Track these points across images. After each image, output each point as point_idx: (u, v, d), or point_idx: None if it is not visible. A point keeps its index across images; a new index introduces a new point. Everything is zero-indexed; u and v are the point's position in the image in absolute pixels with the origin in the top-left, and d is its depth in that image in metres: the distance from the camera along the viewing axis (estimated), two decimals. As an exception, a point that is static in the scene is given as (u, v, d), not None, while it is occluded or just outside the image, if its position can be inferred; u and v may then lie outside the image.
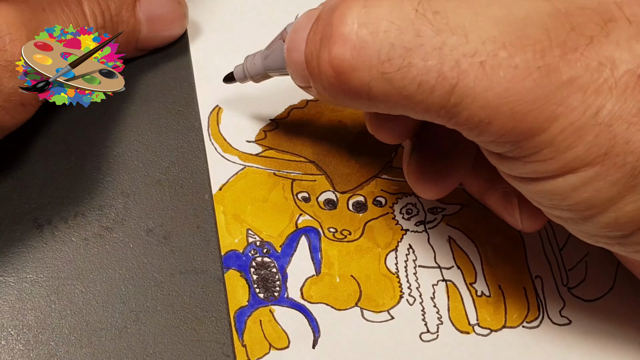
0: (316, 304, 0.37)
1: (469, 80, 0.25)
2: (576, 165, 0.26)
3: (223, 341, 0.36)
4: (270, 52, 0.35)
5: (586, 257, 0.38)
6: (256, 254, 0.38)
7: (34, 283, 0.36)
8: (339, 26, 0.27)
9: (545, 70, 0.25)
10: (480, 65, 0.25)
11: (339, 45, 0.27)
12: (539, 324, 0.37)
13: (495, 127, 0.26)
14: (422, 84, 0.26)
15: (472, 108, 0.26)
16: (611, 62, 0.25)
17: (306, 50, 0.29)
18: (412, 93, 0.26)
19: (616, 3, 0.26)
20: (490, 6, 0.26)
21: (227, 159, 0.40)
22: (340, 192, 0.39)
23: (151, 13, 0.40)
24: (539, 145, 0.26)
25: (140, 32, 0.40)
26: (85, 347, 0.35)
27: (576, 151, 0.25)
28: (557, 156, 0.26)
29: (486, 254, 0.38)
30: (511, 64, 0.25)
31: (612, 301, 0.37)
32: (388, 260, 0.38)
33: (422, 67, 0.26)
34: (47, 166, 0.39)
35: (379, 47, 0.26)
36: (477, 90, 0.25)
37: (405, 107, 0.27)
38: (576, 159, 0.26)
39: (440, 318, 0.37)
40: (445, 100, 0.26)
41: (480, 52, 0.25)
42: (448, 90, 0.25)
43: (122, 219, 0.38)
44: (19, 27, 0.33)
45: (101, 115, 0.40)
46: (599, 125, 0.25)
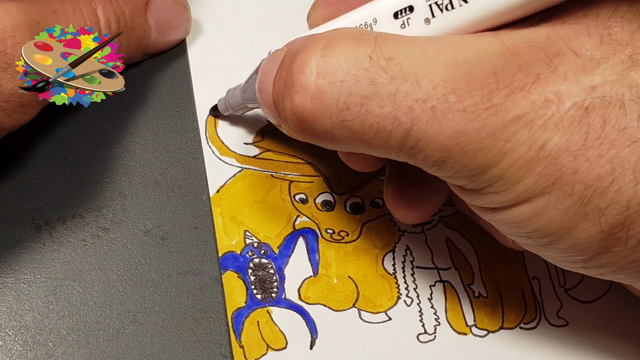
0: (314, 305, 0.37)
1: (421, 125, 0.26)
2: (527, 196, 0.27)
3: (221, 342, 0.36)
4: (247, 86, 0.36)
5: (584, 258, 0.38)
6: (254, 255, 0.38)
7: (32, 284, 0.36)
8: (299, 76, 0.28)
9: (492, 110, 0.26)
10: (431, 110, 0.26)
11: (300, 95, 0.28)
12: (536, 325, 0.37)
13: (450, 165, 0.27)
14: (379, 130, 0.27)
15: (427, 150, 0.27)
16: (558, 97, 0.26)
17: (273, 93, 0.30)
18: (372, 138, 0.27)
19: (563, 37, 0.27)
20: (442, 50, 0.27)
21: (225, 161, 0.40)
22: (338, 194, 0.39)
23: (159, 18, 0.40)
24: (492, 179, 0.27)
25: (150, 37, 0.40)
26: (83, 347, 0.35)
27: (526, 182, 0.27)
28: (509, 188, 0.27)
29: (483, 255, 0.38)
30: (460, 107, 0.26)
31: (609, 303, 0.38)
32: (385, 262, 0.38)
33: (378, 113, 0.27)
34: (45, 167, 0.39)
35: (337, 96, 0.27)
36: (429, 134, 0.26)
37: (367, 149, 0.28)
38: (527, 190, 0.27)
39: (437, 319, 0.37)
40: (402, 143, 0.27)
41: (431, 97, 0.26)
42: (404, 134, 0.27)
43: (119, 219, 0.38)
44: (24, 30, 0.33)
45: (99, 117, 0.40)
46: (546, 158, 0.26)
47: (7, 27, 0.32)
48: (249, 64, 0.42)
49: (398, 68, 0.27)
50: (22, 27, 0.33)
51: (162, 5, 0.40)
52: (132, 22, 0.38)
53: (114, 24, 0.37)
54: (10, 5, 0.33)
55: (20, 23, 0.33)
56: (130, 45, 0.39)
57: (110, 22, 0.37)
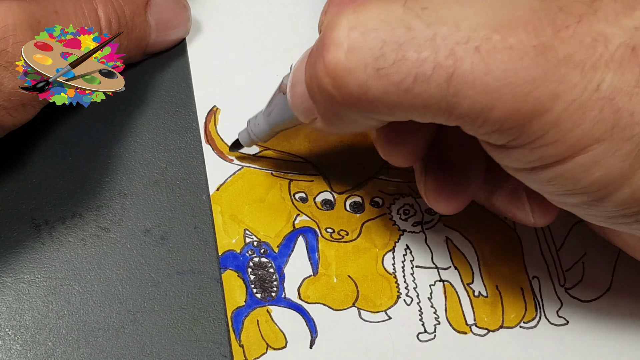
0: (313, 304, 0.37)
1: (466, 67, 0.25)
2: (584, 144, 0.25)
3: (220, 341, 0.36)
4: (272, 108, 0.35)
5: (583, 258, 0.38)
6: (253, 254, 0.38)
7: (32, 283, 0.36)
8: (330, 34, 0.27)
9: (540, 48, 0.25)
10: (475, 50, 0.25)
11: (332, 50, 0.27)
12: (536, 324, 0.37)
13: (498, 112, 0.26)
14: (418, 76, 0.26)
15: (472, 95, 0.25)
16: (604, 38, 0.25)
17: (306, 76, 0.29)
18: (410, 86, 0.26)
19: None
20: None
21: (224, 159, 0.40)
22: (338, 193, 0.39)
23: (159, 17, 0.40)
24: (544, 127, 0.25)
25: (150, 37, 0.40)
26: (83, 347, 0.35)
27: (582, 128, 0.25)
28: (564, 136, 0.25)
29: (483, 254, 0.38)
30: (506, 45, 0.25)
31: (610, 302, 0.37)
32: (385, 261, 0.38)
33: (416, 59, 0.26)
34: (45, 167, 0.38)
35: (372, 45, 0.26)
36: (475, 75, 0.25)
37: (405, 105, 0.27)
38: (583, 137, 0.25)
39: (437, 318, 0.37)
40: (444, 90, 0.26)
41: (473, 38, 0.25)
42: (446, 79, 0.25)
43: (119, 219, 0.38)
44: (25, 29, 0.33)
45: (99, 116, 0.40)
46: (602, 99, 0.25)
47: (8, 26, 0.32)
48: (249, 64, 0.42)
49: (434, 15, 0.26)
50: (23, 26, 0.33)
51: (162, 4, 0.40)
52: (132, 21, 0.38)
53: (115, 23, 0.37)
54: (12, 4, 0.33)
55: (22, 22, 0.33)
56: (131, 45, 0.39)
57: (111, 22, 0.37)
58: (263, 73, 0.42)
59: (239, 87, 0.41)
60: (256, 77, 0.42)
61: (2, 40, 0.32)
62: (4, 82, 0.32)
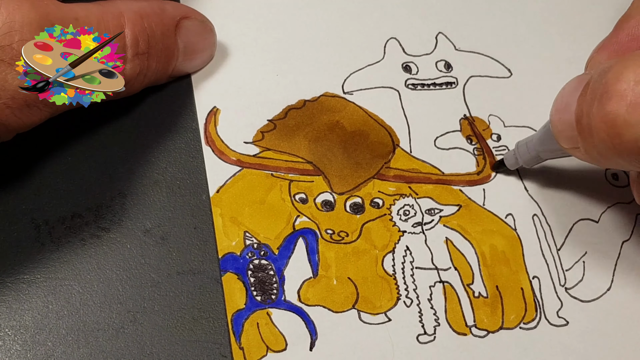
0: (313, 307, 0.37)
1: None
2: None
3: (220, 342, 0.36)
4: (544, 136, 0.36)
5: (584, 258, 0.38)
6: (253, 257, 0.37)
7: (31, 283, 0.36)
8: (614, 83, 0.27)
9: None
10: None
11: (614, 101, 0.27)
12: (536, 325, 0.37)
13: None
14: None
15: None
16: None
17: (577, 109, 0.29)
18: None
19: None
20: None
21: (224, 160, 0.39)
22: (338, 194, 0.39)
23: (188, 40, 0.39)
24: None
25: (178, 60, 0.39)
26: (83, 347, 0.35)
27: None
28: None
29: (483, 255, 0.38)
30: None
31: (610, 302, 0.38)
32: (385, 262, 0.38)
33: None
34: (44, 167, 0.38)
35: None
36: None
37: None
38: None
39: (437, 320, 0.37)
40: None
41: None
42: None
43: (119, 219, 0.38)
44: (34, 28, 0.32)
45: (98, 116, 0.40)
46: None
47: (15, 22, 0.32)
48: (249, 64, 0.42)
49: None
50: (32, 25, 0.32)
51: (192, 27, 0.39)
52: (162, 43, 0.37)
53: (143, 43, 0.36)
54: (24, 1, 0.32)
55: (31, 20, 0.32)
56: (159, 67, 0.38)
57: (138, 41, 0.36)
58: (263, 73, 0.42)
59: (239, 87, 0.41)
60: (256, 77, 0.42)
61: (7, 35, 0.32)
62: (8, 79, 0.32)
